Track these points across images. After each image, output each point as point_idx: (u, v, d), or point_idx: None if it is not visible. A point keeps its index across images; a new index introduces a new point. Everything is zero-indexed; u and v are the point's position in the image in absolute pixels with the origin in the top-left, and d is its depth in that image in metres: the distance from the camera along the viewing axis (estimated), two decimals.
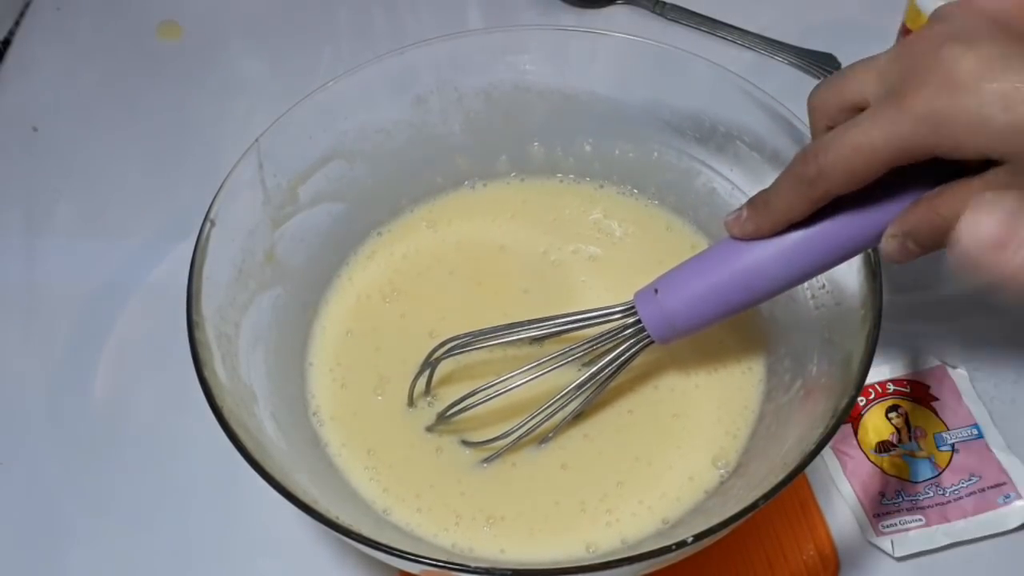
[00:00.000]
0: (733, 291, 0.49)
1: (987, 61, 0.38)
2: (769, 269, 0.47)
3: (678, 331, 0.51)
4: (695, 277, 0.50)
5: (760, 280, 0.48)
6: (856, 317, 0.49)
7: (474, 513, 0.54)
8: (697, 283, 0.49)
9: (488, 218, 0.66)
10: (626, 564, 0.43)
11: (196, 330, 0.49)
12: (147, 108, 0.82)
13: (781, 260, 0.47)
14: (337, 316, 0.62)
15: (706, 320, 0.50)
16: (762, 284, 0.48)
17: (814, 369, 0.53)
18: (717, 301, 0.49)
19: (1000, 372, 0.64)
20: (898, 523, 0.58)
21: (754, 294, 0.48)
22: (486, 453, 0.55)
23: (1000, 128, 0.37)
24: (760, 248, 0.47)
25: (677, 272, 0.51)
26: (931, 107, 0.38)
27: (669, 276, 0.51)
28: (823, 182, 0.42)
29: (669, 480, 0.54)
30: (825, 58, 0.81)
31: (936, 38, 0.40)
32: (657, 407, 0.57)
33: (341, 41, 0.87)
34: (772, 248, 0.47)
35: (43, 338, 0.69)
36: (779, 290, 0.48)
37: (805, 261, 0.47)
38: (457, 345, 0.54)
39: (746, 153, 0.60)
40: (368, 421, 0.57)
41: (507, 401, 0.53)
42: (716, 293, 0.49)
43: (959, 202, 0.40)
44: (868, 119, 0.41)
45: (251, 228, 0.56)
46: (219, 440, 0.46)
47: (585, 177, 0.67)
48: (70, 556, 0.60)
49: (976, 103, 0.38)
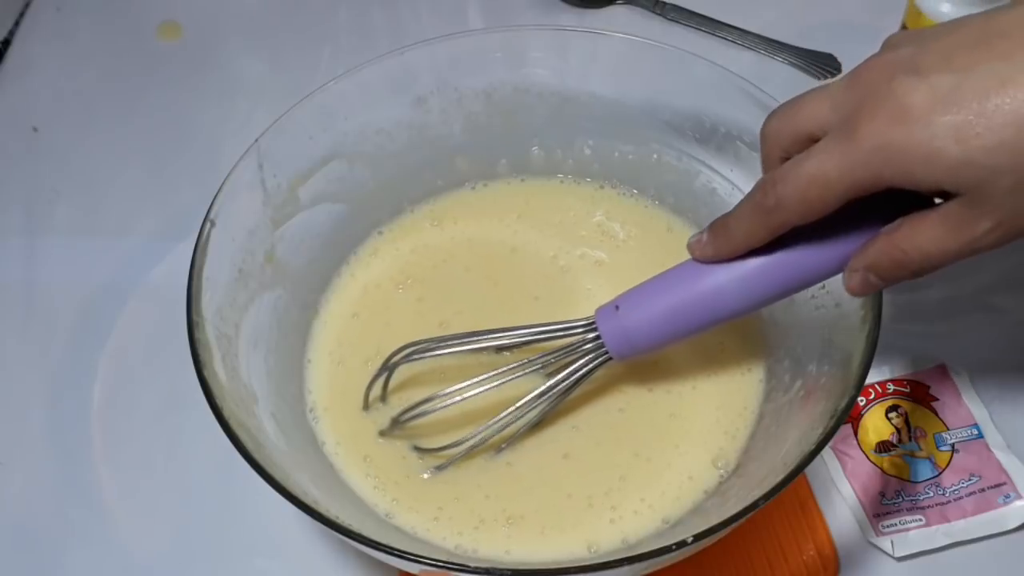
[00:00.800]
0: (693, 312, 0.49)
1: (939, 93, 0.38)
2: (729, 293, 0.47)
3: (636, 349, 0.51)
4: (656, 296, 0.50)
5: (720, 303, 0.48)
6: (856, 317, 0.49)
7: (475, 513, 0.54)
8: (658, 302, 0.50)
9: (495, 218, 0.66)
10: (626, 564, 0.43)
11: (196, 330, 0.49)
12: (147, 108, 0.82)
13: (741, 285, 0.47)
14: (338, 315, 0.62)
15: (665, 339, 0.50)
16: (722, 307, 0.48)
17: (814, 369, 0.53)
18: (676, 321, 0.49)
19: (1000, 372, 0.64)
20: (898, 523, 0.58)
21: (714, 316, 0.49)
22: (437, 461, 0.55)
23: (953, 161, 0.37)
24: (722, 272, 0.47)
25: (639, 290, 0.51)
26: (883, 139, 0.38)
27: (631, 294, 0.51)
28: (780, 212, 0.43)
29: (669, 479, 0.54)
30: (825, 58, 0.81)
31: (888, 67, 0.40)
32: (656, 407, 0.57)
33: (341, 41, 0.87)
34: (733, 273, 0.47)
35: (43, 338, 0.69)
36: (740, 314, 0.48)
37: (765, 288, 0.47)
38: (418, 350, 0.54)
39: (746, 153, 0.60)
40: (367, 422, 0.57)
41: (464, 409, 0.54)
42: (676, 313, 0.49)
43: (918, 235, 0.40)
44: (822, 151, 0.41)
45: (251, 228, 0.56)
46: (219, 440, 0.46)
47: (585, 178, 0.68)
48: (69, 556, 0.60)
49: (928, 136, 0.37)
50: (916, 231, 0.41)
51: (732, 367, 0.58)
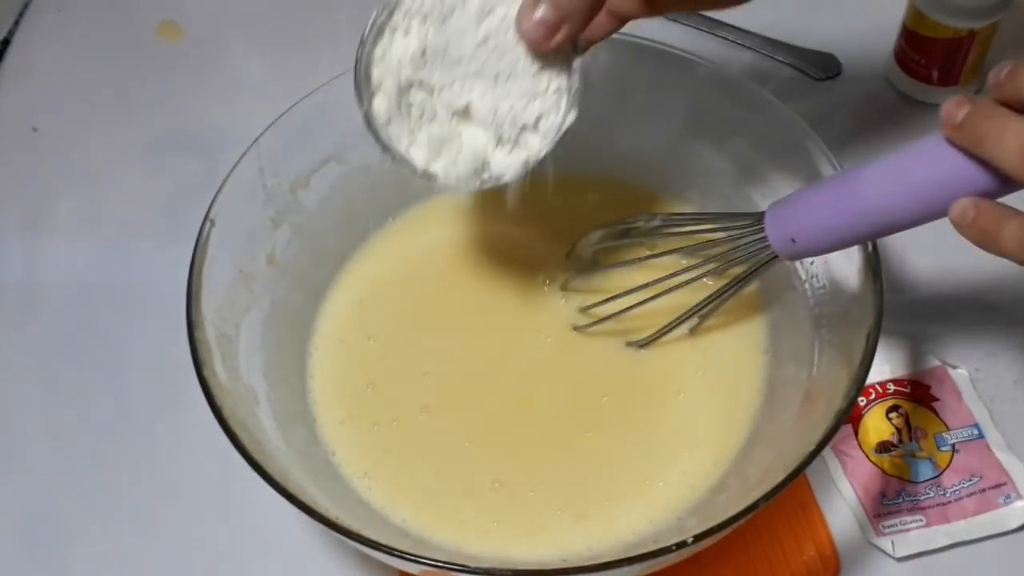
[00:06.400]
0: (859, 226, 0.48)
1: None
2: (899, 209, 0.46)
3: (798, 255, 0.52)
4: (823, 210, 0.49)
5: (888, 219, 0.47)
6: (857, 317, 0.49)
7: (475, 513, 0.54)
8: (825, 218, 0.49)
9: (498, 213, 0.65)
10: (626, 564, 0.43)
11: (196, 330, 0.49)
12: (147, 108, 0.82)
13: (911, 198, 0.46)
14: (339, 314, 0.62)
15: (829, 249, 0.51)
16: (889, 223, 0.47)
17: (814, 369, 0.53)
18: (843, 235, 0.49)
19: (1000, 372, 0.64)
20: (899, 523, 0.58)
21: (881, 230, 0.48)
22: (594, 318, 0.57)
23: None
24: (891, 185, 0.46)
25: (808, 201, 0.50)
26: None
27: (800, 206, 0.51)
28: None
29: (669, 479, 0.54)
30: (825, 58, 0.81)
31: None
32: (655, 406, 0.57)
33: (341, 41, 0.87)
34: (903, 188, 0.46)
35: (43, 338, 0.69)
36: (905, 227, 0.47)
37: (932, 203, 0.45)
38: None
39: (746, 153, 0.60)
40: (368, 421, 0.57)
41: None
42: (841, 230, 0.49)
43: None
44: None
45: (251, 228, 0.56)
46: (219, 440, 0.46)
47: (584, 177, 0.67)
48: (69, 556, 0.60)
49: None
50: None
51: (732, 366, 0.58)
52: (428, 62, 0.47)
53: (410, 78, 0.47)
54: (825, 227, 0.49)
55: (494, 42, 0.46)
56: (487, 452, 0.56)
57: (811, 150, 0.55)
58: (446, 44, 0.46)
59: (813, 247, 0.51)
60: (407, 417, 0.57)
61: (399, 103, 0.48)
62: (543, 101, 0.47)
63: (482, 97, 0.47)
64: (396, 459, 0.56)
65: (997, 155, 0.41)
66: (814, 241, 0.50)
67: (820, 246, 0.51)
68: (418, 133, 0.49)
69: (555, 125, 0.47)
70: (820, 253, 0.52)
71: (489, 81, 0.47)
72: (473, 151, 0.49)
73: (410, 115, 0.49)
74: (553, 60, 0.46)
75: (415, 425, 0.57)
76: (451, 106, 0.48)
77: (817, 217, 0.50)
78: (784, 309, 0.57)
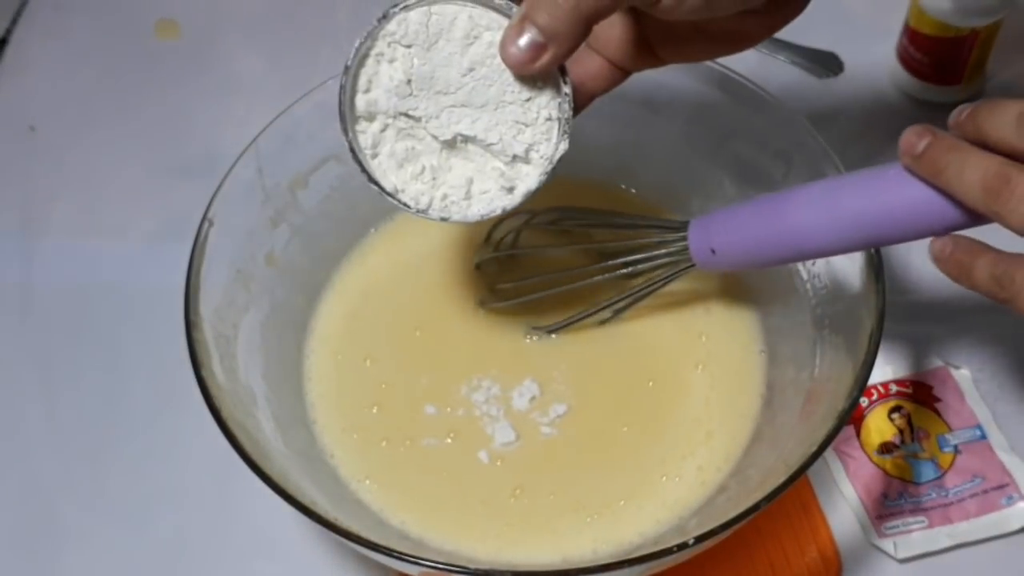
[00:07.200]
0: (778, 246, 0.49)
1: None
2: (819, 233, 0.47)
3: (717, 266, 0.53)
4: (746, 223, 0.51)
5: (807, 243, 0.48)
6: (859, 318, 0.49)
7: (475, 513, 0.53)
8: (747, 231, 0.51)
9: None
10: (627, 565, 0.43)
11: (194, 330, 0.49)
12: (145, 107, 0.82)
13: (832, 227, 0.46)
14: (337, 315, 0.62)
15: (746, 265, 0.53)
16: (809, 247, 0.48)
17: (816, 370, 0.53)
18: (761, 252, 0.50)
19: (1003, 373, 0.64)
20: (901, 525, 0.58)
21: (799, 253, 0.49)
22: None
23: None
24: (812, 210, 0.47)
25: (733, 215, 0.52)
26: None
27: (725, 218, 0.52)
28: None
29: (670, 480, 0.54)
30: (827, 57, 0.81)
31: None
32: (657, 408, 0.57)
33: (340, 40, 0.87)
34: (827, 213, 0.46)
35: (41, 338, 0.69)
36: (823, 255, 0.49)
37: (855, 235, 0.46)
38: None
39: (747, 153, 0.60)
40: (367, 421, 0.57)
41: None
42: (761, 244, 0.50)
43: None
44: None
45: (250, 228, 0.56)
46: (217, 441, 0.45)
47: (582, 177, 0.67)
48: (67, 556, 0.60)
49: None
50: None
51: (733, 367, 0.58)
52: (414, 91, 0.45)
53: (396, 108, 0.46)
54: (746, 243, 0.51)
55: (481, 71, 0.44)
56: (506, 464, 0.55)
57: (814, 150, 0.55)
58: (432, 73, 0.44)
59: (730, 260, 0.52)
60: (420, 437, 0.56)
61: (385, 134, 0.46)
62: (533, 131, 0.45)
63: (471, 127, 0.45)
64: (402, 471, 0.55)
65: (958, 187, 0.41)
66: (732, 256, 0.52)
67: (737, 261, 0.52)
68: (407, 165, 0.47)
69: (547, 156, 0.46)
70: (738, 268, 0.53)
71: (477, 111, 0.45)
72: (465, 183, 0.47)
73: (396, 148, 0.47)
74: (543, 88, 0.45)
75: (430, 448, 0.56)
76: (439, 136, 0.46)
77: (739, 232, 0.51)
78: (786, 309, 0.57)
